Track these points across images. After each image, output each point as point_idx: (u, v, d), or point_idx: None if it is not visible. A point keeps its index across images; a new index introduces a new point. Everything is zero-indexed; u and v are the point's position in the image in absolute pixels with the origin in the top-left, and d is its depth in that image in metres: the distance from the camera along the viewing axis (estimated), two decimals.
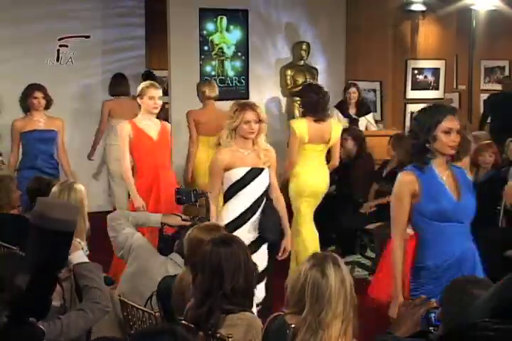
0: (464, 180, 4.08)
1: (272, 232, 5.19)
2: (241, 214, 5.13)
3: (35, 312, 2.62)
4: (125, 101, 8.26)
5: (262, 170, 5.18)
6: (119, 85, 8.33)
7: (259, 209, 5.17)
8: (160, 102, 6.11)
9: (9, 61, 7.96)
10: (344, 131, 7.51)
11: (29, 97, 6.98)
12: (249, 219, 5.14)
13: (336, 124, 6.77)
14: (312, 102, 6.53)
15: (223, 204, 5.24)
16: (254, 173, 5.14)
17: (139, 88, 6.13)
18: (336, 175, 7.55)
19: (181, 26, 8.64)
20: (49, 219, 2.60)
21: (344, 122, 8.67)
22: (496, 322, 2.09)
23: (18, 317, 2.56)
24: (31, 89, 7.02)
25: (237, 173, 5.12)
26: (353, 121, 8.70)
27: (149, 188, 6.11)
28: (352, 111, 8.77)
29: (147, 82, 6.29)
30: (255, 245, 5.08)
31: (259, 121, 5.09)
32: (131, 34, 9.04)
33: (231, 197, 5.17)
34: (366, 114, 8.82)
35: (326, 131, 6.52)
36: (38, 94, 6.99)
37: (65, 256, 2.69)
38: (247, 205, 5.14)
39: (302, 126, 6.50)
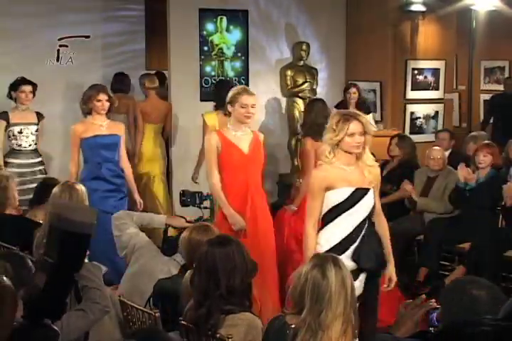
0: None
1: (370, 261, 4.53)
2: (341, 241, 4.51)
3: (51, 313, 2.63)
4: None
5: (367, 190, 4.56)
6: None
7: (362, 235, 4.54)
8: (254, 111, 5.37)
9: (9, 61, 7.95)
10: None
11: (92, 99, 6.33)
12: (350, 246, 4.51)
13: None
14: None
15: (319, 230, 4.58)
16: (359, 195, 4.52)
17: (230, 94, 5.42)
18: None
19: (181, 26, 8.64)
20: (68, 221, 2.63)
21: None
22: (495, 319, 2.10)
23: (33, 317, 2.57)
24: (95, 90, 6.40)
25: (340, 195, 4.50)
26: None
27: (240, 208, 5.36)
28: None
29: (239, 88, 5.60)
30: (355, 273, 4.35)
31: (364, 133, 4.52)
32: (131, 34, 9.04)
33: (330, 222, 4.54)
34: (366, 115, 8.81)
35: None
36: (102, 97, 6.35)
37: (82, 258, 2.71)
38: (348, 231, 4.52)
39: (213, 118, 7.09)
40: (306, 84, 9.12)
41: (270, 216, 5.64)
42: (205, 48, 8.85)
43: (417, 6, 9.03)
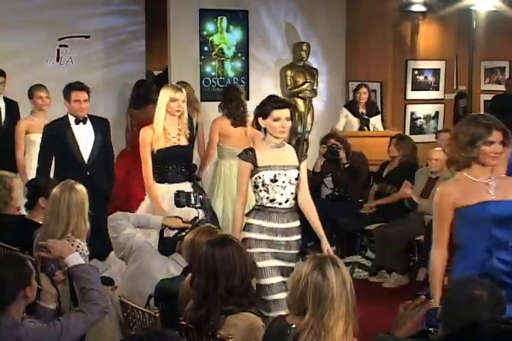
0: None
1: None
2: None
3: None
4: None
5: None
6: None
7: None
8: None
9: (9, 61, 7.94)
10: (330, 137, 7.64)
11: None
12: None
13: None
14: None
15: None
16: None
17: None
18: (334, 177, 7.62)
19: (181, 26, 8.65)
20: None
21: (355, 122, 8.72)
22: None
23: None
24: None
25: None
26: (364, 121, 8.76)
27: None
28: (362, 111, 8.80)
29: None
30: None
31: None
32: (131, 34, 9.04)
33: None
34: (376, 115, 8.87)
35: None
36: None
37: None
38: None
39: None
40: (307, 85, 9.12)
41: None
42: (205, 48, 8.86)
43: (417, 6, 9.04)
